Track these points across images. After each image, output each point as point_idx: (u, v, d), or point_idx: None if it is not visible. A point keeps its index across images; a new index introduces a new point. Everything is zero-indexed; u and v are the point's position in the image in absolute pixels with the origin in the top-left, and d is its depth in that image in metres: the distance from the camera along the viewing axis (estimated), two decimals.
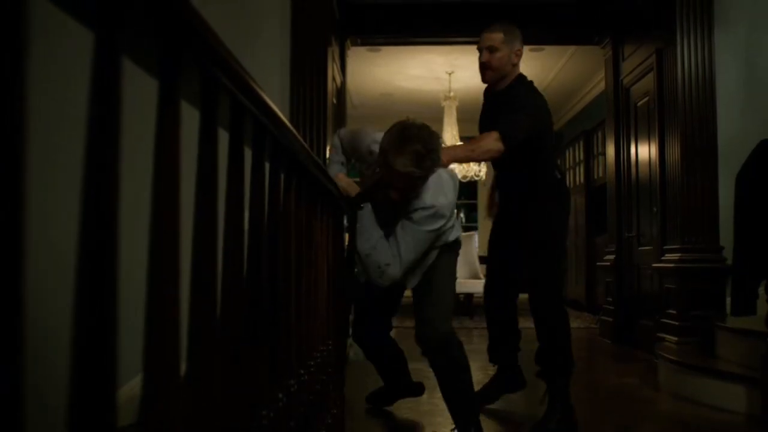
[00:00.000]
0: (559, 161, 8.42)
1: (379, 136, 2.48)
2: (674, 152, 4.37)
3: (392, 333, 3.13)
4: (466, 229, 10.20)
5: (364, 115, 10.38)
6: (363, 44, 5.87)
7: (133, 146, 0.94)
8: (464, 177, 8.40)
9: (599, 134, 7.74)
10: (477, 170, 8.48)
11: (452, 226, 2.55)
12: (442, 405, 3.30)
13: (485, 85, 3.17)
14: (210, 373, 0.83)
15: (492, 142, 2.74)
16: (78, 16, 0.58)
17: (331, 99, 4.44)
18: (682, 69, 4.28)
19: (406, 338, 5.58)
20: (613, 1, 5.42)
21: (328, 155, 3.01)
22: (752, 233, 3.16)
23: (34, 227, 0.49)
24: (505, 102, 2.96)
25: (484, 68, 3.01)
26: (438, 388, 2.77)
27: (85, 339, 0.55)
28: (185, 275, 0.77)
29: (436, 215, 2.36)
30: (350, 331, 3.10)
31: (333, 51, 4.42)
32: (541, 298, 2.98)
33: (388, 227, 2.44)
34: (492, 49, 2.96)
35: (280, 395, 1.27)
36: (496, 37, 2.98)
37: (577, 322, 7.14)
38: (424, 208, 2.35)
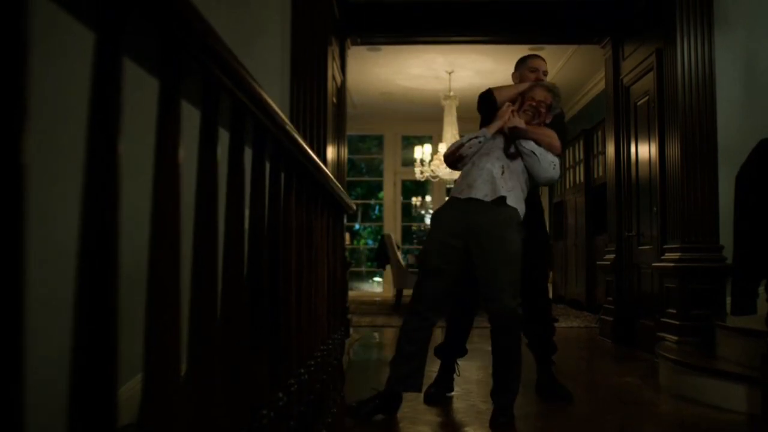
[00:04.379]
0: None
1: None
2: (674, 152, 4.36)
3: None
4: None
5: (365, 114, 10.37)
6: (363, 43, 5.87)
7: (133, 146, 0.94)
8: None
9: (599, 133, 7.74)
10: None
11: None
12: (441, 405, 3.31)
13: (487, 86, 3.47)
14: (210, 373, 0.83)
15: (558, 139, 3.16)
16: (79, 16, 0.58)
17: (331, 98, 4.44)
18: (682, 69, 4.28)
19: None
20: (613, 0, 5.42)
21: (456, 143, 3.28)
22: (752, 232, 3.15)
23: (35, 227, 0.49)
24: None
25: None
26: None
27: (85, 339, 0.55)
28: (186, 274, 0.77)
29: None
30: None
31: (333, 50, 4.41)
32: (536, 291, 3.51)
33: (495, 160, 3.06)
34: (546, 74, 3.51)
35: (281, 395, 1.27)
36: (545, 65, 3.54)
37: (577, 321, 7.14)
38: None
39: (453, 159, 3.18)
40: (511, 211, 2.95)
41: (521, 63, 3.54)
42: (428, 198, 11.60)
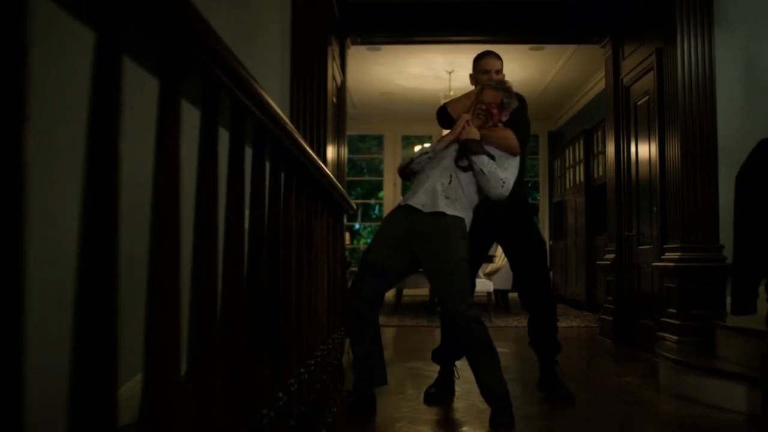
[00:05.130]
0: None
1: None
2: (674, 152, 4.36)
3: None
4: None
5: (365, 114, 10.38)
6: (363, 43, 5.87)
7: (133, 146, 0.94)
8: None
9: (599, 133, 7.74)
10: None
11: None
12: (441, 405, 3.31)
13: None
14: (210, 373, 0.83)
15: (515, 139, 3.09)
16: (79, 16, 0.58)
17: (331, 98, 4.44)
18: (682, 68, 4.28)
19: (411, 334, 5.59)
20: (613, 0, 5.42)
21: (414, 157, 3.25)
22: (752, 232, 3.15)
23: (35, 227, 0.49)
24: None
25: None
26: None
27: (85, 339, 0.55)
28: (186, 274, 0.77)
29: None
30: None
31: (333, 50, 4.41)
32: (539, 293, 3.44)
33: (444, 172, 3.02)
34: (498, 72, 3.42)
35: (281, 394, 1.27)
36: (500, 62, 3.46)
37: (577, 321, 7.14)
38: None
39: (406, 173, 3.22)
40: (451, 220, 2.95)
41: (474, 64, 3.47)
42: None
